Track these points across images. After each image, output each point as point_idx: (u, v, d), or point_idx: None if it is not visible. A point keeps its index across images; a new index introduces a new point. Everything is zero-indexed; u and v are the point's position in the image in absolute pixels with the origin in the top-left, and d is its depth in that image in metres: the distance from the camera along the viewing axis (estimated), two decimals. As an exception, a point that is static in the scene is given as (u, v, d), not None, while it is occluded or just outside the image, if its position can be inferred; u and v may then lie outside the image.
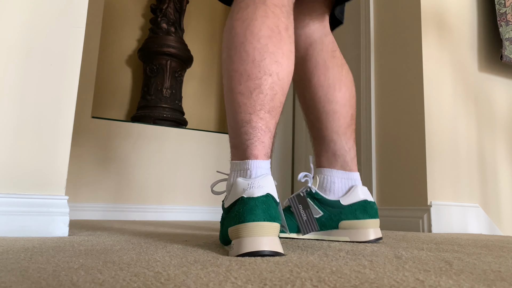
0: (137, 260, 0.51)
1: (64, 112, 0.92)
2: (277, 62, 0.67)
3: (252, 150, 0.65)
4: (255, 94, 0.66)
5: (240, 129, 0.66)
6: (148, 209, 2.21)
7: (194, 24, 2.92)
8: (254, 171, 0.63)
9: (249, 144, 0.66)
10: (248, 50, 0.66)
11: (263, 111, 0.67)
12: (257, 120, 0.66)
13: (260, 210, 0.58)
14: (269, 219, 0.58)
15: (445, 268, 0.48)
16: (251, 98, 0.66)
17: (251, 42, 0.66)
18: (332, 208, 0.85)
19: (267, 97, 0.67)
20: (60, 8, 0.95)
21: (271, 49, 0.66)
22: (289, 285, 0.36)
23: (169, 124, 2.43)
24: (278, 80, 0.67)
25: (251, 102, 0.66)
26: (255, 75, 0.65)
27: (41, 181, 0.88)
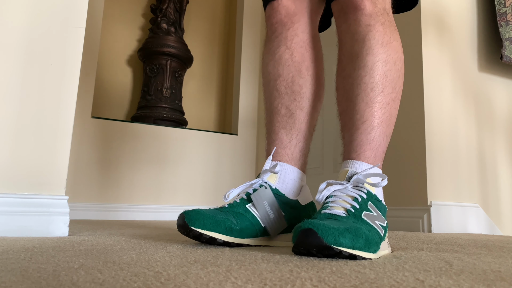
0: (137, 260, 0.51)
1: (64, 112, 0.92)
2: None
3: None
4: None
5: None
6: (148, 209, 2.21)
7: (194, 24, 2.92)
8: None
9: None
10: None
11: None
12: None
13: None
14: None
15: (445, 268, 0.48)
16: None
17: None
18: (292, 209, 0.76)
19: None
20: (60, 8, 0.95)
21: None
22: (289, 285, 0.36)
23: (169, 124, 2.43)
24: None
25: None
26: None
27: (41, 181, 0.88)
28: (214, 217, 0.68)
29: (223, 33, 3.01)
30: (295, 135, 0.82)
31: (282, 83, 0.84)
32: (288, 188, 0.78)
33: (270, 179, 0.77)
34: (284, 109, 0.83)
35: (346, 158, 0.73)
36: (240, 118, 2.60)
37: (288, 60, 0.84)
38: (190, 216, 0.67)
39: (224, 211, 0.71)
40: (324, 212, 0.61)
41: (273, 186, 0.76)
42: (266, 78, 0.87)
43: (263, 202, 0.73)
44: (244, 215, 0.72)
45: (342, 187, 0.65)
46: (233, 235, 0.69)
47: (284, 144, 0.82)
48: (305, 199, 0.79)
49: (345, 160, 0.73)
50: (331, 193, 0.65)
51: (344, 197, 0.64)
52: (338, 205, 0.63)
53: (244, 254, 0.59)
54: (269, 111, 0.86)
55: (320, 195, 0.65)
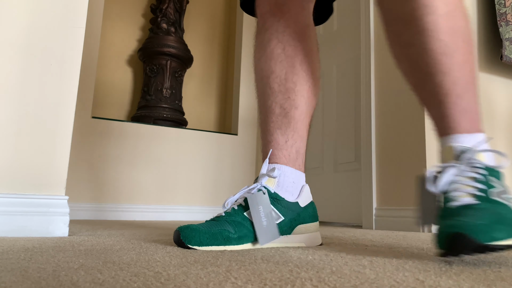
0: (137, 260, 0.51)
1: (64, 112, 0.92)
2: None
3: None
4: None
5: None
6: (148, 209, 2.21)
7: (194, 24, 2.92)
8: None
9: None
10: None
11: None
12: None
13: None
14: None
15: (445, 268, 0.48)
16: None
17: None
18: (291, 212, 0.74)
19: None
20: (60, 8, 0.95)
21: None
22: (289, 285, 0.36)
23: (169, 124, 2.43)
24: None
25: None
26: None
27: (41, 181, 0.88)
28: (210, 231, 0.66)
29: (223, 33, 3.01)
30: (291, 135, 0.79)
31: (275, 80, 0.79)
32: (287, 191, 0.76)
33: (269, 182, 0.74)
34: (278, 108, 0.79)
35: (443, 134, 0.65)
36: (240, 118, 2.60)
37: (280, 55, 0.79)
38: (185, 234, 0.66)
39: (220, 221, 0.69)
40: (453, 205, 0.55)
41: (272, 191, 0.73)
42: (259, 74, 0.82)
43: (258, 207, 0.71)
44: (241, 223, 0.69)
45: (457, 170, 0.58)
46: (232, 244, 0.68)
47: (280, 145, 0.78)
48: (305, 200, 0.77)
49: (443, 137, 0.65)
50: (449, 179, 0.59)
51: (464, 180, 0.57)
52: (463, 192, 0.56)
53: (244, 255, 0.59)
54: (263, 110, 0.82)
55: (440, 186, 0.59)
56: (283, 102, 0.79)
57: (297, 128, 0.79)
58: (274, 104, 0.79)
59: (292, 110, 0.78)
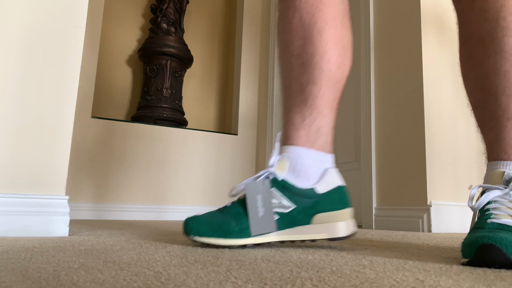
0: (137, 260, 0.51)
1: (64, 112, 0.92)
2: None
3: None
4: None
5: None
6: (148, 209, 2.21)
7: (194, 24, 2.92)
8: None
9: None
10: None
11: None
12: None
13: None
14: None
15: (445, 268, 0.48)
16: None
17: None
18: (306, 199, 0.68)
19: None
20: (60, 8, 0.95)
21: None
22: (289, 285, 0.36)
23: (169, 124, 2.43)
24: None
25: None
26: None
27: (41, 181, 0.88)
28: (211, 222, 0.65)
29: (223, 33, 3.01)
30: (308, 113, 0.71)
31: (292, 53, 0.72)
32: (302, 175, 0.68)
33: (279, 168, 0.68)
34: (295, 84, 0.72)
35: (494, 159, 0.64)
36: (240, 118, 2.60)
37: (297, 25, 0.72)
38: (188, 224, 0.66)
39: (224, 213, 0.67)
40: (492, 221, 0.55)
41: (279, 177, 0.68)
42: (279, 48, 0.76)
43: (256, 196, 0.66)
44: (244, 214, 0.67)
45: (501, 192, 0.58)
46: (233, 237, 0.65)
47: (296, 125, 0.71)
48: (327, 185, 0.69)
49: (494, 161, 0.63)
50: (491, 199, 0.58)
51: (508, 203, 0.57)
52: (504, 213, 0.56)
53: (244, 254, 0.59)
54: (282, 88, 0.75)
55: (477, 203, 0.58)
56: (300, 77, 0.72)
57: (316, 104, 0.71)
58: (292, 81, 0.73)
59: (309, 85, 0.71)
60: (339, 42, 0.72)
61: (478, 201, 0.59)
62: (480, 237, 0.49)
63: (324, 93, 0.71)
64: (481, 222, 0.56)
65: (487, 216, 0.57)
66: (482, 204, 0.58)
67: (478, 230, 0.54)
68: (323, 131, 0.72)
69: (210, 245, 0.66)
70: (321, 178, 0.69)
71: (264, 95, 2.58)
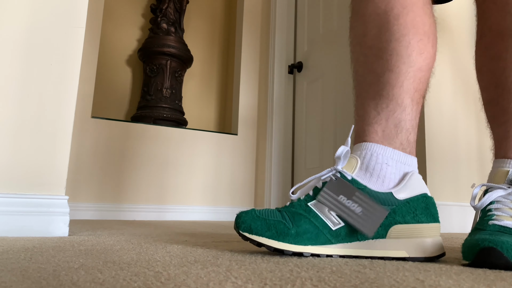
0: (137, 260, 0.50)
1: (64, 112, 0.92)
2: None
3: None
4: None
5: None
6: (148, 209, 2.21)
7: (194, 24, 2.92)
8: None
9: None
10: None
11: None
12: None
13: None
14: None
15: (445, 268, 0.48)
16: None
17: None
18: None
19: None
20: (60, 8, 0.95)
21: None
22: (289, 285, 0.36)
23: (169, 124, 2.43)
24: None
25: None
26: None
27: (41, 181, 0.88)
28: (266, 219, 0.57)
29: (223, 33, 3.01)
30: (385, 105, 0.61)
31: (366, 44, 0.64)
32: (374, 175, 0.59)
33: (348, 166, 0.59)
34: (370, 75, 0.63)
35: (502, 156, 0.60)
36: (240, 118, 2.60)
37: (371, 15, 0.64)
38: (240, 217, 0.58)
39: (282, 211, 0.58)
40: (493, 223, 0.54)
41: (348, 176, 0.58)
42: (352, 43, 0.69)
43: (337, 198, 0.56)
44: (303, 215, 0.57)
45: (505, 192, 0.56)
46: (287, 241, 0.55)
47: (370, 119, 0.62)
48: (409, 191, 0.58)
49: (501, 159, 0.60)
50: (494, 199, 0.56)
51: (510, 203, 0.55)
52: (506, 214, 0.55)
53: (244, 254, 0.59)
54: (355, 81, 0.67)
55: (480, 203, 0.56)
56: (375, 66, 0.63)
57: (394, 95, 0.61)
58: (366, 71, 0.64)
59: (385, 73, 0.62)
60: (420, 27, 0.63)
61: (480, 200, 0.57)
62: (481, 240, 0.48)
63: (403, 81, 0.61)
64: (483, 224, 0.56)
65: (489, 217, 0.56)
66: (485, 204, 0.57)
67: (479, 232, 0.53)
68: (404, 126, 0.61)
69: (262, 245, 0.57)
70: (401, 182, 0.59)
71: (264, 95, 2.58)
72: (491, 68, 0.65)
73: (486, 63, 0.66)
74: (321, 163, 2.15)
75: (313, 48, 2.35)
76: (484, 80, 0.66)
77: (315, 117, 2.24)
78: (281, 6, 2.58)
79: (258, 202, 2.48)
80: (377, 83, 0.62)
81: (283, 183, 2.39)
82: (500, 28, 0.63)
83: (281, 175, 2.39)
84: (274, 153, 2.40)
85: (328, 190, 0.57)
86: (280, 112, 2.46)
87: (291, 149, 2.44)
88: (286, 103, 2.48)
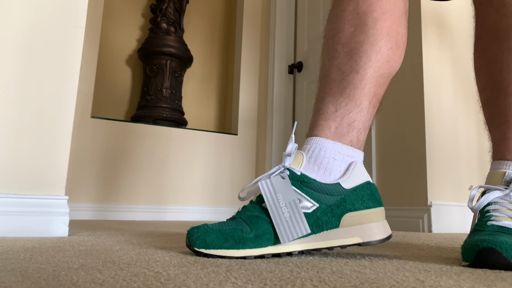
0: (137, 260, 0.50)
1: (64, 112, 0.92)
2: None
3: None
4: None
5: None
6: (148, 209, 2.21)
7: (194, 24, 2.92)
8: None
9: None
10: None
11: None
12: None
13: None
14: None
15: (445, 268, 0.48)
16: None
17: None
18: (330, 196, 0.58)
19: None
20: (60, 8, 0.95)
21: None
22: (289, 285, 0.35)
23: (169, 124, 2.43)
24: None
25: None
26: None
27: (41, 181, 0.88)
28: (220, 230, 0.55)
29: (223, 33, 3.01)
30: (344, 103, 0.63)
31: (340, 40, 0.65)
32: (323, 169, 0.60)
33: (295, 162, 0.60)
34: (336, 72, 0.65)
35: (499, 158, 0.61)
36: (240, 118, 2.60)
37: (351, 13, 0.65)
38: (191, 235, 0.55)
39: (236, 218, 0.57)
40: (492, 224, 0.54)
41: (297, 172, 0.59)
42: (326, 36, 0.69)
43: (276, 195, 0.56)
44: (260, 217, 0.56)
45: (502, 193, 0.57)
46: (248, 246, 0.54)
47: (327, 114, 0.63)
48: (354, 179, 0.59)
49: (498, 161, 0.61)
50: (491, 200, 0.57)
51: (508, 204, 0.56)
52: (504, 215, 0.55)
53: (244, 254, 0.59)
54: (321, 75, 0.68)
55: (477, 204, 0.57)
56: (343, 64, 0.64)
57: (354, 96, 0.63)
58: (333, 68, 0.66)
59: (351, 74, 0.64)
60: (393, 35, 0.65)
61: (478, 202, 0.58)
62: (480, 241, 0.49)
63: (366, 84, 0.63)
64: (481, 224, 0.56)
65: (487, 218, 0.56)
66: (482, 205, 0.57)
67: (478, 233, 0.53)
68: (357, 126, 0.63)
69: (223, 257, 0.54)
70: (346, 172, 0.60)
71: (264, 95, 2.58)
72: (488, 69, 0.65)
73: (484, 65, 0.66)
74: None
75: (313, 48, 2.35)
76: (481, 81, 0.67)
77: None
78: (281, 6, 2.58)
79: (258, 202, 2.48)
80: (342, 81, 0.64)
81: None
82: (496, 30, 0.63)
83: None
84: (274, 153, 2.40)
85: (271, 185, 0.57)
86: (280, 112, 2.46)
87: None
88: (286, 103, 2.48)
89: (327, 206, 0.57)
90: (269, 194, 0.57)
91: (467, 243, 0.51)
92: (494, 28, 0.64)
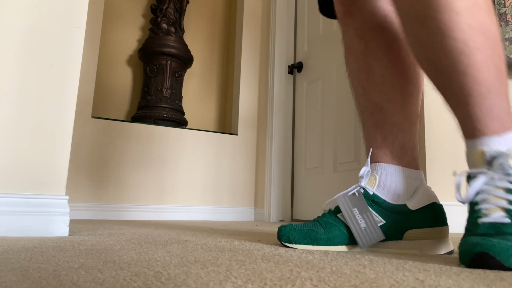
0: (137, 259, 0.51)
1: (64, 112, 0.92)
2: None
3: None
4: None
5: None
6: (148, 209, 2.21)
7: (194, 24, 2.92)
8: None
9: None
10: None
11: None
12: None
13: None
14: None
15: (445, 268, 0.48)
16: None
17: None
18: (396, 215, 0.68)
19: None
20: (60, 8, 0.95)
21: None
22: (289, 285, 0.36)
23: (169, 124, 2.43)
24: None
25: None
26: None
27: (41, 181, 0.88)
28: (301, 229, 0.70)
29: (223, 33, 3.01)
30: (389, 130, 0.73)
31: (363, 78, 0.76)
32: (391, 191, 0.70)
33: (369, 183, 0.71)
34: (371, 105, 0.75)
35: (469, 137, 0.59)
36: (240, 118, 2.60)
37: (363, 52, 0.76)
38: (280, 231, 0.72)
39: (314, 221, 0.72)
40: (482, 222, 0.53)
41: (370, 192, 0.69)
42: (350, 76, 0.80)
43: (352, 209, 0.68)
44: (333, 224, 0.69)
45: (486, 177, 0.55)
46: (320, 244, 0.68)
47: (378, 143, 0.74)
48: (419, 201, 0.68)
49: (469, 139, 0.59)
50: (477, 189, 0.55)
51: (495, 191, 0.54)
52: (494, 205, 0.53)
53: (244, 254, 0.59)
54: (359, 111, 0.78)
55: (465, 197, 0.56)
56: (374, 98, 0.75)
57: (395, 121, 0.73)
58: (367, 102, 0.76)
59: (384, 104, 0.74)
60: (405, 59, 0.75)
61: (466, 195, 0.56)
62: (473, 245, 0.49)
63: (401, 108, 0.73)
64: (473, 223, 0.55)
65: (477, 214, 0.55)
66: (470, 198, 0.56)
67: (471, 236, 0.53)
68: (408, 146, 0.73)
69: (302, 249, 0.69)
70: (412, 195, 0.69)
71: (264, 95, 2.58)
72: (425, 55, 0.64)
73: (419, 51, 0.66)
74: (321, 163, 2.15)
75: (313, 48, 2.35)
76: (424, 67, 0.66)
77: (315, 117, 2.24)
78: (281, 6, 2.58)
79: (258, 202, 2.48)
80: (379, 112, 0.74)
81: (283, 183, 2.39)
82: (417, 14, 0.62)
83: (281, 175, 2.39)
84: (274, 153, 2.40)
85: (349, 201, 0.69)
86: (280, 112, 2.46)
87: (291, 149, 2.44)
88: (286, 103, 2.48)
89: (393, 222, 0.68)
90: (347, 208, 0.69)
91: (461, 246, 0.51)
92: (414, 12, 0.62)
